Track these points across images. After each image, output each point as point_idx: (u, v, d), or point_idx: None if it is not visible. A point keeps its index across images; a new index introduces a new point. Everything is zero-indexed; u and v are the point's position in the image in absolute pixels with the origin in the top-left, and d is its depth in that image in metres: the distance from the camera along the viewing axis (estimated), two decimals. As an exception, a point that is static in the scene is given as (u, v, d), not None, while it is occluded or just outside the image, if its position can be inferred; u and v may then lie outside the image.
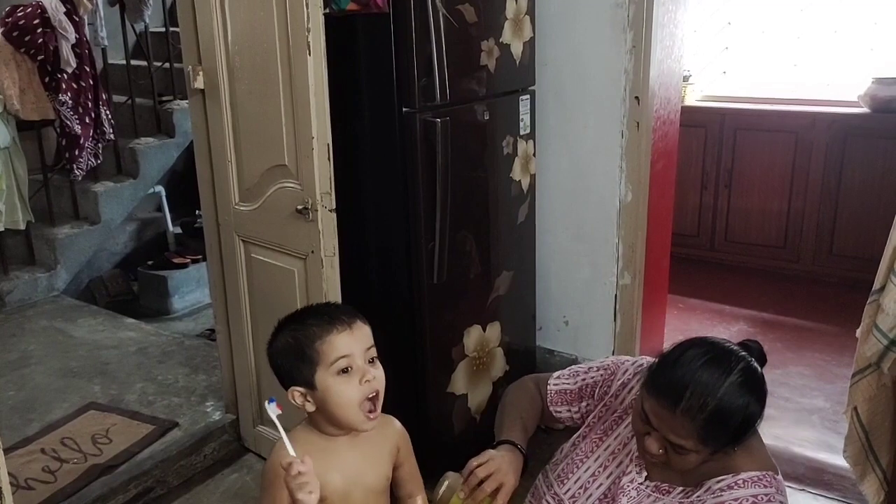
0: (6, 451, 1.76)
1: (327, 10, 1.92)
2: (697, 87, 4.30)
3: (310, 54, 1.87)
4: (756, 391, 1.25)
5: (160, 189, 4.19)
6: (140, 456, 2.39)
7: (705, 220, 4.13)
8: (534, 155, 2.49)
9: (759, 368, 1.28)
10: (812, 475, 2.36)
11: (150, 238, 4.35)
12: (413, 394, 2.22)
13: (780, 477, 1.34)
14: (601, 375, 1.55)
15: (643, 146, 2.43)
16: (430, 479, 1.50)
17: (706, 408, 1.21)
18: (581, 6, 2.40)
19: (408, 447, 1.49)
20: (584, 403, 1.56)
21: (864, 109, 3.67)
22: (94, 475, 2.29)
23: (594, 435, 1.50)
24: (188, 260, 4.00)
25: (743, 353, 1.28)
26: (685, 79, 4.13)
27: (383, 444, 1.44)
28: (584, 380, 1.57)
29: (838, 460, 2.09)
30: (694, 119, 3.98)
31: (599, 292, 2.60)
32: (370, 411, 1.33)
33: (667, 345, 3.09)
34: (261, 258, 2.23)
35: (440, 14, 1.95)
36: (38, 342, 3.18)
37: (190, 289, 3.98)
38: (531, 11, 2.34)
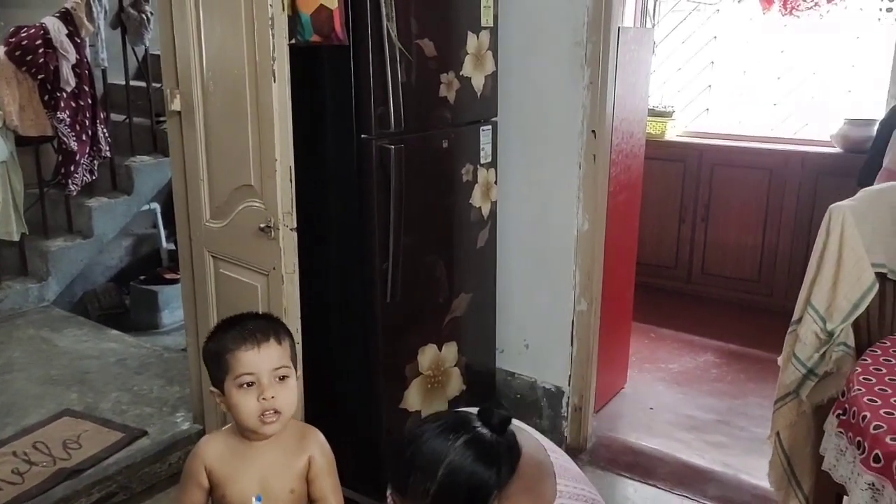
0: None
1: (293, 41, 2.04)
2: (680, 122, 4.41)
3: (275, 81, 1.98)
4: (484, 460, 1.23)
5: (156, 206, 4.31)
6: (107, 462, 2.46)
7: (683, 253, 4.21)
8: (495, 182, 2.59)
9: (491, 433, 1.26)
10: (756, 502, 2.41)
11: (146, 254, 4.47)
12: (366, 407, 2.30)
13: None
14: None
15: (600, 178, 2.53)
16: (383, 490, 1.56)
17: (429, 492, 1.21)
18: (542, 43, 2.51)
19: (325, 463, 1.56)
20: None
21: (837, 149, 3.76)
22: (61, 478, 2.36)
23: None
24: (179, 276, 4.11)
25: (473, 424, 1.27)
26: (668, 115, 4.25)
27: (296, 454, 1.53)
28: None
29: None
30: (673, 154, 4.09)
31: (557, 317, 2.68)
32: (267, 417, 1.44)
33: (631, 372, 3.17)
34: (228, 273, 2.33)
35: (396, 48, 2.07)
36: (23, 350, 3.28)
37: (179, 304, 4.05)
38: (493, 47, 2.46)
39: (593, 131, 2.48)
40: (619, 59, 2.55)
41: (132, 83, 4.12)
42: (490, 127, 2.52)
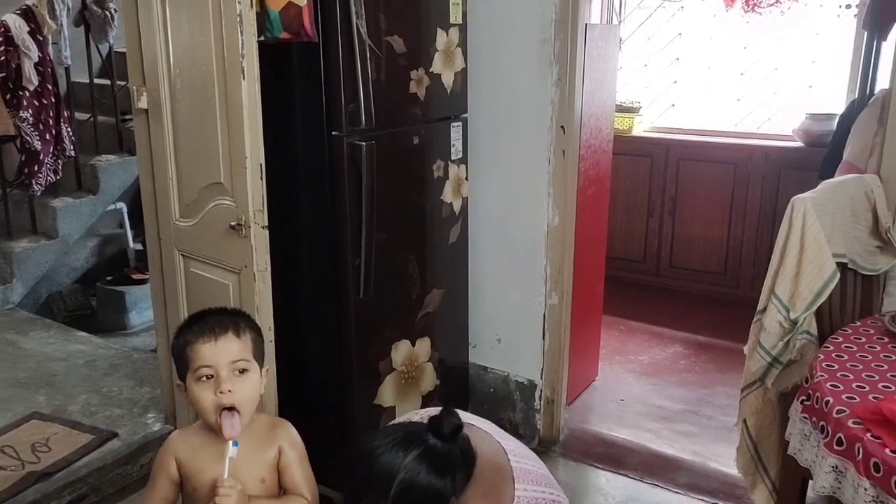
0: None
1: (261, 38, 2.04)
2: (647, 118, 4.47)
3: (244, 78, 1.98)
4: (438, 471, 1.23)
5: (122, 206, 4.25)
6: (77, 464, 2.43)
7: (651, 246, 4.28)
8: (466, 179, 2.61)
9: (443, 443, 1.26)
10: (725, 489, 2.47)
11: (112, 254, 4.41)
12: (340, 404, 2.30)
13: None
14: None
15: (569, 173, 2.56)
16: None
17: None
18: (511, 40, 2.53)
19: (295, 454, 1.57)
20: None
21: (799, 143, 3.85)
22: (30, 482, 2.33)
23: None
24: (147, 276, 4.06)
25: (424, 437, 1.26)
26: (634, 110, 4.31)
27: (266, 445, 1.55)
28: None
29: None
30: (640, 149, 4.15)
31: (529, 312, 2.71)
32: (230, 427, 1.45)
33: (602, 364, 3.21)
34: (199, 272, 2.32)
35: (366, 44, 2.07)
36: (-12, 353, 3.23)
37: (147, 305, 4.03)
38: (463, 44, 2.48)
39: (562, 127, 2.50)
40: (586, 55, 2.59)
41: (96, 81, 4.06)
42: (460, 123, 2.53)
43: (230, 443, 1.44)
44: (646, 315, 3.90)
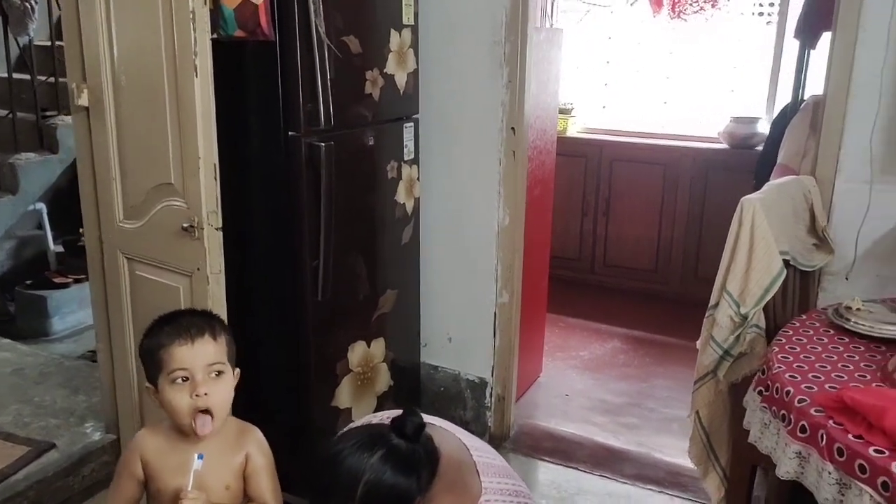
0: None
1: (215, 35, 1.99)
2: (580, 119, 4.58)
3: (197, 76, 1.93)
4: (403, 471, 1.23)
5: (41, 206, 4.05)
6: (14, 478, 2.31)
7: (586, 245, 4.39)
8: (418, 179, 2.62)
9: (407, 443, 1.26)
10: (670, 478, 2.57)
11: (31, 257, 4.18)
12: (297, 406, 2.27)
13: None
14: None
15: (519, 173, 2.60)
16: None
17: None
18: (462, 42, 2.56)
19: (263, 461, 1.55)
20: None
21: (724, 145, 4.03)
22: (-37, 499, 2.22)
23: None
24: (70, 279, 3.88)
25: (387, 437, 1.27)
26: (568, 112, 4.41)
27: (233, 451, 1.53)
28: None
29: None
30: (575, 150, 4.25)
31: (479, 310, 2.74)
32: (202, 425, 1.43)
33: (546, 360, 3.28)
34: (146, 276, 2.24)
35: (325, 44, 2.05)
36: None
37: (71, 309, 3.86)
38: (415, 45, 2.48)
39: (513, 128, 2.55)
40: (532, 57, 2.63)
41: (15, 76, 3.85)
42: (412, 124, 2.54)
43: (195, 455, 1.42)
44: (584, 312, 4.00)
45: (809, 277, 2.19)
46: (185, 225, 2.04)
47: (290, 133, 2.08)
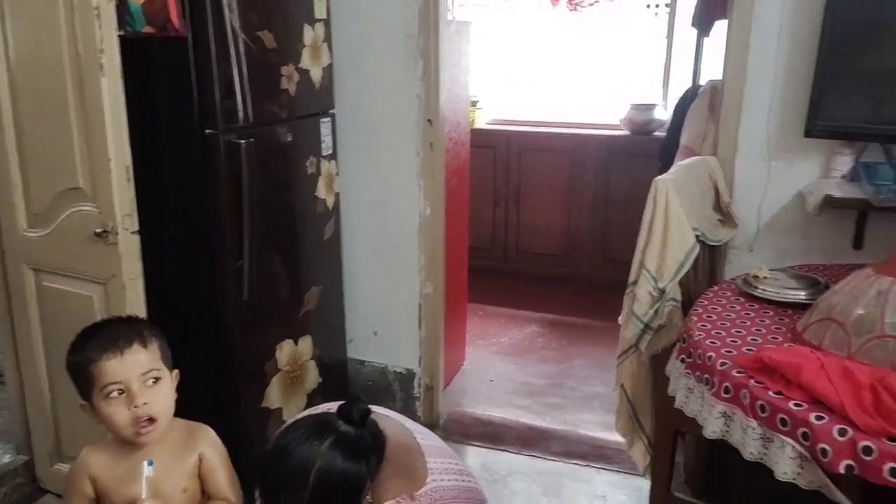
0: None
1: (122, 32, 1.92)
2: (486, 111, 4.66)
3: (104, 75, 1.86)
4: (353, 456, 1.27)
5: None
6: (-83, 511, 2.18)
7: (499, 234, 4.48)
8: (337, 174, 2.61)
9: (355, 429, 1.30)
10: (595, 452, 2.67)
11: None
12: (227, 410, 2.22)
13: (417, 493, 1.38)
14: None
15: (437, 165, 2.64)
16: (248, 493, 1.55)
17: (303, 500, 1.24)
18: (376, 36, 2.56)
19: (217, 458, 1.53)
20: None
21: (625, 132, 4.20)
22: None
23: None
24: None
25: (335, 424, 1.30)
26: (474, 104, 4.47)
27: (185, 454, 1.50)
28: None
29: (616, 437, 2.39)
30: (484, 141, 4.32)
31: (404, 303, 2.76)
32: (142, 427, 1.40)
33: (468, 348, 3.33)
34: (55, 286, 2.15)
35: (240, 39, 2.01)
36: None
37: (-37, 328, 3.61)
38: (328, 39, 2.47)
39: (429, 120, 2.58)
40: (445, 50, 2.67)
41: None
42: (329, 119, 2.53)
43: (145, 462, 1.38)
44: (500, 299, 4.09)
45: (716, 252, 2.32)
46: (97, 230, 1.96)
47: (206, 131, 2.02)
